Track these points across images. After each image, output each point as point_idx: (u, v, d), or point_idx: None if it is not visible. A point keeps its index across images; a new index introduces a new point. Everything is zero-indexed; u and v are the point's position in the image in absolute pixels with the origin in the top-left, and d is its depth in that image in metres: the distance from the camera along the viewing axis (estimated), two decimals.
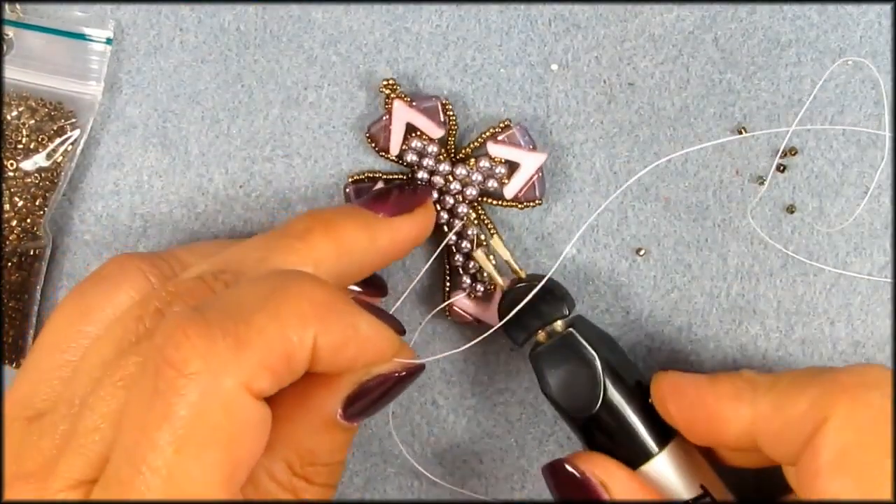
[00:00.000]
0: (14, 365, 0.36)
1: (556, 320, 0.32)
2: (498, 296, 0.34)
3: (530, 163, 0.34)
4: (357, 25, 0.36)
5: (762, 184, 0.35)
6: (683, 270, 0.36)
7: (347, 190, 0.35)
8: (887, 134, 0.35)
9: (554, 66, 0.36)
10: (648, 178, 0.36)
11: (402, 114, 0.34)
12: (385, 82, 0.34)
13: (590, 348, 0.31)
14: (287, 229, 0.30)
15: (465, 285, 0.35)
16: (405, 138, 0.35)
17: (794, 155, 0.35)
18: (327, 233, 0.30)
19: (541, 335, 0.32)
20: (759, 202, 0.36)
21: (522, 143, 0.34)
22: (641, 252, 0.36)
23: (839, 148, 0.35)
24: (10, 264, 0.35)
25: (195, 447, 0.24)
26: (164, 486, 0.23)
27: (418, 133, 0.35)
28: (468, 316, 0.35)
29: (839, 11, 0.35)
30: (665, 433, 0.31)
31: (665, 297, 0.36)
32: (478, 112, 0.36)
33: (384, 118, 0.35)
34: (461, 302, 0.35)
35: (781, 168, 0.36)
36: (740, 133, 0.35)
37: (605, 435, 0.31)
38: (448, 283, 0.36)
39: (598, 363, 0.31)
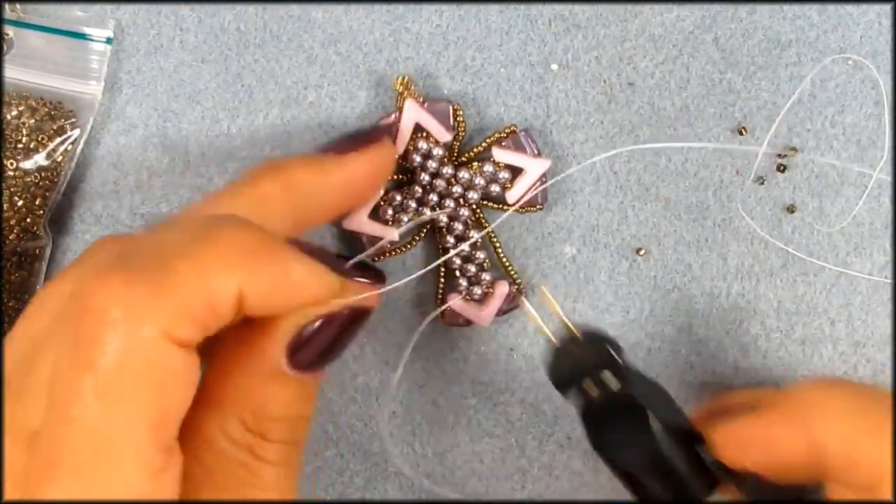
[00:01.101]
0: None
1: (604, 370, 0.31)
2: (495, 302, 0.34)
3: (534, 169, 0.34)
4: (357, 25, 0.36)
5: (762, 184, 0.35)
6: (683, 270, 0.36)
7: None
8: (887, 133, 0.35)
9: (554, 66, 0.36)
10: (649, 178, 0.36)
11: (413, 113, 0.34)
12: (400, 78, 0.34)
13: (643, 405, 0.30)
14: (236, 178, 0.30)
15: (461, 288, 0.35)
16: (411, 137, 0.35)
17: (794, 155, 0.36)
18: (274, 173, 0.30)
19: (589, 384, 0.31)
20: (759, 202, 0.36)
21: (527, 149, 0.35)
22: (641, 252, 0.36)
23: (839, 148, 0.35)
24: (9, 264, 0.35)
25: (117, 397, 0.23)
26: (86, 437, 0.23)
27: (425, 134, 0.35)
28: (461, 318, 0.35)
29: (839, 11, 0.36)
30: (711, 479, 0.30)
31: (665, 297, 0.36)
32: (478, 112, 0.36)
33: (394, 115, 0.35)
34: (456, 304, 0.35)
35: (781, 168, 0.36)
36: (741, 133, 0.35)
37: (654, 484, 0.31)
38: (442, 285, 0.35)
39: (652, 422, 0.30)
